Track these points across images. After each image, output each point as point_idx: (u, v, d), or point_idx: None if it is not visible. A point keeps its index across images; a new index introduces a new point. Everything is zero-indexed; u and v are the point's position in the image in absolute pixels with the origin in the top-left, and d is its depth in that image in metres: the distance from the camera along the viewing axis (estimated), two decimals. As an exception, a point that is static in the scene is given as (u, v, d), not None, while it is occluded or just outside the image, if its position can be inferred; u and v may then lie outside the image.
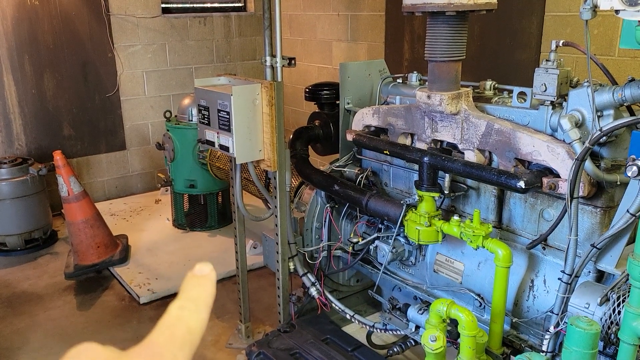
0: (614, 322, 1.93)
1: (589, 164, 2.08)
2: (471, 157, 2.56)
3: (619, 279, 2.03)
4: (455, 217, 2.50)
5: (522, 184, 2.21)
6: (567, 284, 2.15)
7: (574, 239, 2.12)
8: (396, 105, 3.00)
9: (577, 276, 2.15)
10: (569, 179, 2.07)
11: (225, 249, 4.81)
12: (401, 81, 3.20)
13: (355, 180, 3.20)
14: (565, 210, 2.16)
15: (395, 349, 2.83)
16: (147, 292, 4.26)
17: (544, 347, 2.17)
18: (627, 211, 1.96)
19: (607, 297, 1.98)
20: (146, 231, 5.43)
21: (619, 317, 1.88)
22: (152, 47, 6.36)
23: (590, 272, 2.23)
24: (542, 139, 2.28)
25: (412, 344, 2.78)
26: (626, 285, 1.94)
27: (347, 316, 3.16)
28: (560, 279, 2.18)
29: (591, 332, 1.72)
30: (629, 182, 1.98)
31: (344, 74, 3.25)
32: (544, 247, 2.44)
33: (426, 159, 2.58)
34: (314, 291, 3.32)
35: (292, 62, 3.02)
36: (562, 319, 2.15)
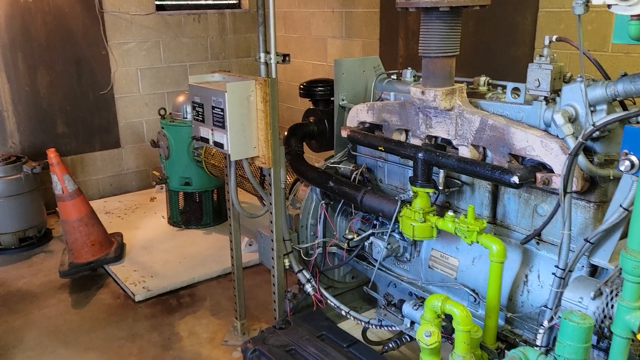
0: (607, 316, 1.94)
1: (582, 159, 2.09)
2: (465, 152, 2.57)
3: (612, 273, 2.04)
4: (449, 213, 2.51)
5: (516, 179, 2.22)
6: (560, 278, 2.17)
7: (568, 234, 2.13)
8: (391, 101, 3.00)
9: (570, 271, 2.16)
10: (562, 174, 2.08)
11: (220, 247, 4.80)
12: (396, 77, 3.20)
13: (350, 176, 3.21)
14: (558, 205, 2.17)
15: (390, 345, 2.83)
16: (142, 290, 4.25)
17: (538, 342, 2.18)
18: (620, 205, 1.97)
19: (600, 291, 1.99)
20: (141, 229, 5.42)
21: (612, 311, 1.89)
22: (146, 44, 6.35)
23: (583, 266, 2.24)
24: (535, 134, 2.28)
25: (408, 339, 2.79)
26: (619, 279, 1.95)
27: (343, 312, 3.16)
28: (554, 273, 2.19)
29: (585, 326, 1.73)
30: (622, 176, 1.99)
31: (339, 71, 3.25)
32: (537, 242, 2.45)
33: (420, 155, 2.58)
34: (309, 288, 3.32)
35: (287, 58, 3.01)
36: (556, 314, 2.16)
